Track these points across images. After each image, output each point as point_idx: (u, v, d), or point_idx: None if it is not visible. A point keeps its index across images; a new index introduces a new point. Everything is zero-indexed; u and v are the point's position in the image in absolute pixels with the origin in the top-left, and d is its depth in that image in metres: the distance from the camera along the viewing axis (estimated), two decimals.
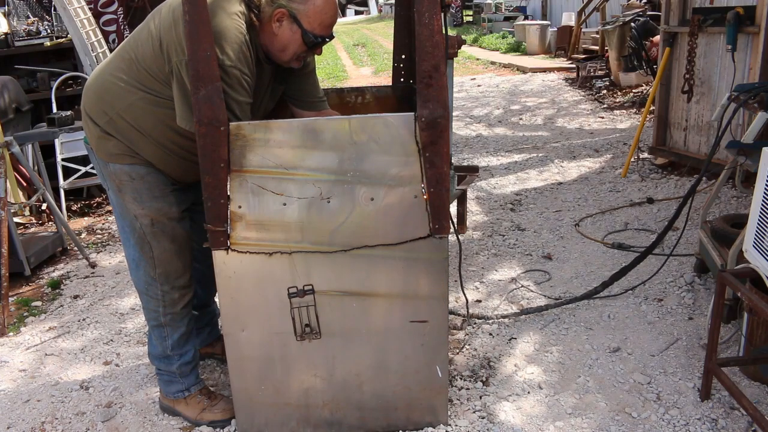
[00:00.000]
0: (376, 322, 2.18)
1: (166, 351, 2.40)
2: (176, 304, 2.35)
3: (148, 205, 2.20)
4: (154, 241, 2.24)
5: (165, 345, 2.40)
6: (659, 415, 2.36)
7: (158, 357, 2.44)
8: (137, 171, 2.16)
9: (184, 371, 2.44)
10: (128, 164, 2.16)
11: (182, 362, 2.43)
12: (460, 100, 9.31)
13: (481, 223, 4.42)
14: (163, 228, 2.23)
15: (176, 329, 2.38)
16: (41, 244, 4.07)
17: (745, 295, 2.18)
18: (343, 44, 20.78)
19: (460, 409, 2.44)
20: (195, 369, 2.49)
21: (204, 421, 2.43)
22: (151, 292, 2.32)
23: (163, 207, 2.22)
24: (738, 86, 2.98)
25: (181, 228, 2.28)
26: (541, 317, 3.08)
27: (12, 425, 2.52)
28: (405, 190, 2.04)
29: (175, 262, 2.29)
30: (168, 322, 2.37)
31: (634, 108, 7.68)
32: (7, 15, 5.57)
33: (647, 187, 4.86)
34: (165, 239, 2.25)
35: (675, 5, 4.79)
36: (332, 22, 2.07)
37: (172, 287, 2.32)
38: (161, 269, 2.28)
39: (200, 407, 2.44)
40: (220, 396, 2.51)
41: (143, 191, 2.19)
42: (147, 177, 2.18)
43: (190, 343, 2.45)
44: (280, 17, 2.01)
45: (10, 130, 4.35)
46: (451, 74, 2.24)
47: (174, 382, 2.46)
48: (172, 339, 2.39)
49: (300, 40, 2.04)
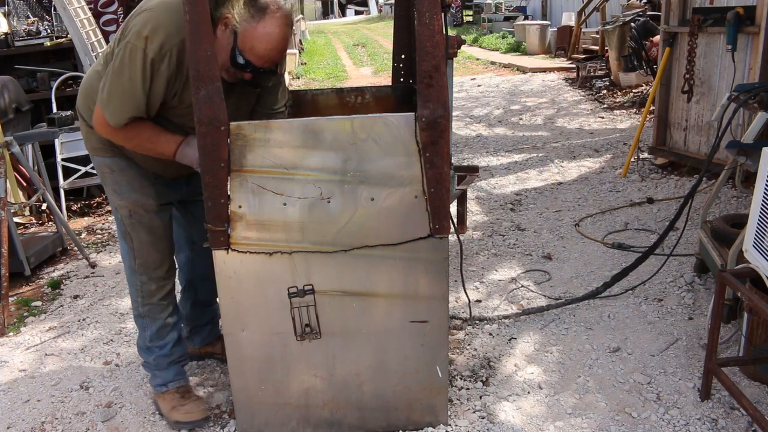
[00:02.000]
0: (376, 322, 2.18)
1: (146, 342, 2.46)
2: (153, 295, 2.40)
3: (127, 196, 2.27)
4: (132, 232, 2.31)
5: (145, 336, 2.45)
6: (659, 415, 2.36)
7: (141, 348, 2.50)
8: (117, 163, 2.25)
9: (161, 364, 2.47)
10: (109, 157, 2.25)
11: (159, 354, 2.46)
12: (460, 100, 9.32)
13: (481, 223, 4.42)
14: (140, 219, 2.29)
15: (154, 320, 2.43)
16: (41, 244, 4.07)
17: (745, 295, 2.18)
18: (343, 44, 20.79)
19: (460, 409, 2.44)
20: (174, 365, 2.51)
21: (171, 420, 2.46)
22: (133, 282, 2.40)
23: (140, 199, 2.27)
24: (738, 86, 2.98)
25: (159, 220, 2.33)
26: (541, 317, 3.08)
27: (12, 425, 2.52)
28: (405, 190, 2.04)
29: (153, 253, 2.35)
30: (146, 313, 2.42)
31: (634, 108, 7.68)
32: (7, 15, 5.57)
33: (647, 187, 4.86)
34: (142, 230, 2.30)
35: (675, 5, 4.79)
36: (265, 54, 1.99)
37: (150, 278, 2.37)
38: (140, 260, 2.34)
39: (171, 405, 2.47)
40: (193, 397, 2.50)
41: (123, 183, 2.26)
42: (127, 170, 2.25)
43: (169, 336, 2.47)
44: (225, 23, 1.97)
45: (10, 130, 4.35)
46: (451, 74, 2.24)
47: (155, 376, 2.50)
48: (151, 330, 2.44)
49: (229, 53, 1.98)
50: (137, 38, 1.94)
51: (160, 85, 2.00)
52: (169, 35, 1.95)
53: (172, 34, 1.95)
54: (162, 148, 2.13)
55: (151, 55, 1.94)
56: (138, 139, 2.11)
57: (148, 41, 1.93)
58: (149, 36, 1.93)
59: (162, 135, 2.12)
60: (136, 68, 1.94)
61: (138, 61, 1.94)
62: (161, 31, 1.94)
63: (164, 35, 1.94)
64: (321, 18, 46.25)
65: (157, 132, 2.11)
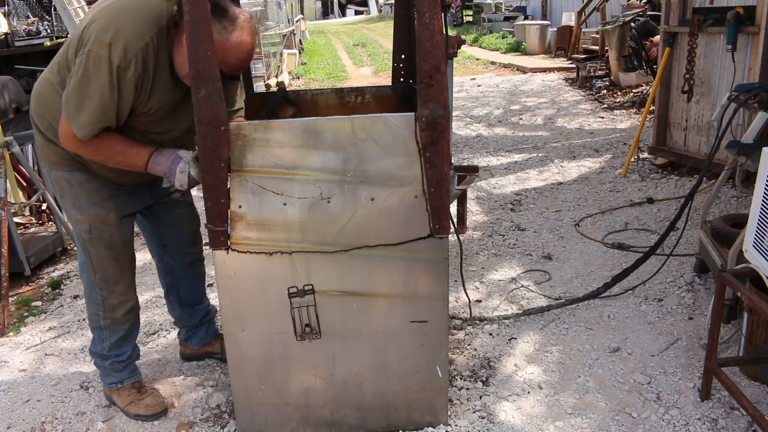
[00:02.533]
0: (376, 322, 2.18)
1: (103, 351, 2.47)
2: (115, 309, 2.39)
3: (87, 211, 2.23)
4: (91, 247, 2.28)
5: (103, 346, 2.46)
6: (659, 415, 2.36)
7: (95, 353, 2.51)
8: (76, 177, 2.20)
9: (117, 367, 2.50)
10: (68, 171, 2.19)
11: (115, 360, 2.49)
12: (460, 100, 9.32)
13: (481, 223, 4.42)
14: (100, 234, 2.26)
15: (114, 333, 2.44)
16: (41, 244, 4.07)
17: (745, 295, 2.18)
18: (343, 44, 20.79)
19: (460, 409, 2.44)
20: (129, 366, 2.53)
21: (131, 414, 2.49)
22: (92, 296, 2.38)
23: (100, 213, 2.24)
24: (738, 86, 2.97)
25: (119, 235, 2.30)
26: (541, 317, 3.08)
27: (12, 425, 2.52)
28: (405, 190, 2.04)
29: (113, 267, 2.33)
30: (107, 326, 2.42)
31: (634, 108, 7.69)
32: (7, 15, 5.58)
33: (647, 187, 4.86)
34: (101, 246, 2.28)
35: (675, 5, 4.79)
36: (237, 64, 2.00)
37: (111, 292, 2.36)
38: (100, 274, 2.32)
39: (129, 400, 2.50)
40: (150, 391, 2.54)
41: (82, 197, 2.22)
42: (86, 184, 2.21)
43: (127, 345, 2.50)
44: None
45: (10, 130, 4.35)
46: (451, 74, 2.24)
47: (108, 375, 2.53)
48: (110, 341, 2.44)
49: None
50: (99, 46, 1.87)
51: (128, 92, 1.94)
52: (133, 39, 1.89)
53: (135, 38, 1.89)
54: (133, 161, 2.08)
55: (117, 62, 1.87)
56: (108, 152, 2.05)
57: (112, 48, 1.86)
58: (112, 42, 1.86)
59: (132, 147, 2.07)
60: (103, 78, 1.88)
61: (104, 71, 1.87)
62: (123, 36, 1.87)
63: (127, 39, 1.88)
64: (321, 18, 46.26)
65: (127, 144, 2.06)
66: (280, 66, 11.81)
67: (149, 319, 3.29)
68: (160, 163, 2.08)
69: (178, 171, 2.07)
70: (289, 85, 10.90)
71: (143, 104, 2.02)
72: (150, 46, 1.92)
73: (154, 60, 1.96)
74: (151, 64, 1.95)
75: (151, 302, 3.48)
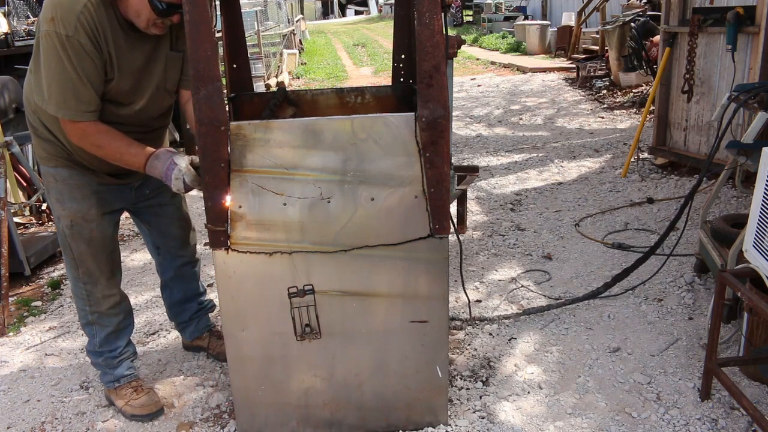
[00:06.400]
0: (376, 322, 2.18)
1: (95, 348, 2.50)
2: (100, 303, 2.42)
3: (68, 206, 2.28)
4: (72, 242, 2.32)
5: (94, 342, 2.49)
6: (659, 415, 2.36)
7: (90, 351, 2.54)
8: (60, 173, 2.26)
9: (110, 363, 2.52)
10: (53, 167, 2.26)
11: (108, 356, 2.51)
12: (460, 100, 9.32)
13: (481, 223, 4.42)
14: (80, 230, 2.30)
15: (103, 327, 2.46)
16: (41, 244, 4.07)
17: (745, 295, 2.18)
18: (343, 44, 20.80)
19: (460, 409, 2.44)
20: (124, 363, 2.55)
21: (127, 414, 2.49)
22: (77, 291, 2.42)
23: (81, 209, 2.28)
24: (738, 86, 2.97)
25: (99, 231, 2.33)
26: (541, 317, 3.08)
27: (12, 425, 2.53)
28: (405, 190, 2.04)
29: (93, 263, 2.36)
30: (95, 321, 2.45)
31: (634, 108, 7.69)
32: (7, 15, 5.58)
33: (647, 187, 4.86)
34: (81, 241, 2.32)
35: (675, 5, 4.79)
36: None
37: (94, 286, 2.39)
38: (83, 269, 2.36)
39: (125, 400, 2.51)
40: (146, 391, 2.54)
41: (65, 193, 2.27)
42: (68, 180, 2.26)
43: (118, 340, 2.52)
44: None
45: (10, 130, 4.35)
46: (451, 74, 2.24)
47: (105, 373, 2.55)
48: (100, 337, 2.47)
49: (148, 6, 2.00)
50: (47, 24, 1.94)
51: (87, 61, 1.97)
52: (68, 4, 1.94)
53: (70, 3, 1.94)
54: (131, 160, 2.14)
55: (63, 32, 1.93)
56: (108, 148, 2.11)
57: (55, 21, 1.93)
58: (54, 17, 1.94)
59: (132, 147, 2.13)
60: (59, 52, 1.94)
61: (56, 45, 1.94)
62: (60, 7, 1.94)
63: (64, 8, 1.94)
64: (321, 18, 46.26)
65: (127, 143, 2.12)
66: (280, 66, 11.81)
67: (149, 319, 3.29)
68: (156, 167, 2.12)
69: (173, 177, 2.10)
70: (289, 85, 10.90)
71: (113, 89, 2.07)
72: (88, 7, 1.95)
73: (99, 21, 1.98)
74: (98, 26, 1.98)
75: (151, 302, 3.49)
